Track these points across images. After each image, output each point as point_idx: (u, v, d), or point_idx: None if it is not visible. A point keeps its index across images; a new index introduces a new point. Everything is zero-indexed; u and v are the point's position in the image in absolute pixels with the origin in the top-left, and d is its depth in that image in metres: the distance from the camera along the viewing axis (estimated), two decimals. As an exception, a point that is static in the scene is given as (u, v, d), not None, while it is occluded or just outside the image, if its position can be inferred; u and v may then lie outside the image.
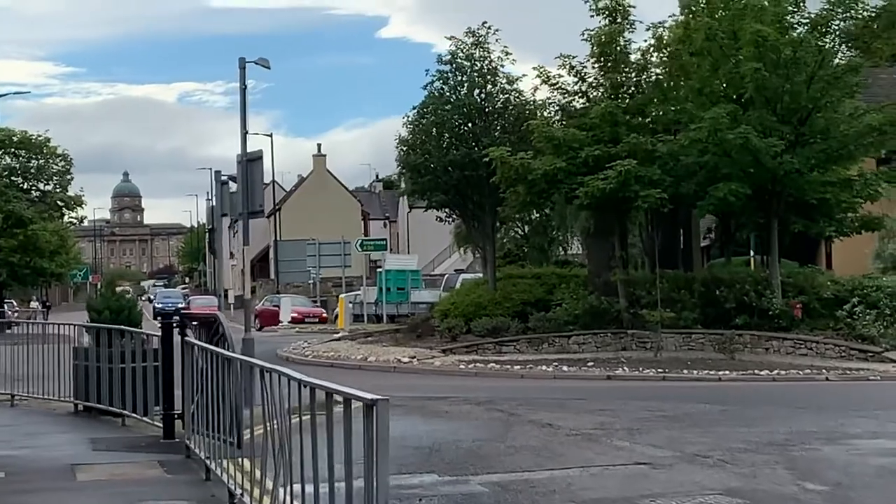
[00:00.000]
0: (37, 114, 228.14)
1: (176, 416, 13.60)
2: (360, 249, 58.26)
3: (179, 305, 52.73)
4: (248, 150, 20.75)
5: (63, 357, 17.29)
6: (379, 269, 55.33)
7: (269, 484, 8.43)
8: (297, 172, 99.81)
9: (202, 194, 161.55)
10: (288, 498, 7.79)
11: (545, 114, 33.10)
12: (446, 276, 57.14)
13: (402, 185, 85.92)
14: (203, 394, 11.35)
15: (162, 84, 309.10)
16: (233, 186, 21.05)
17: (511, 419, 17.41)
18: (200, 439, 11.61)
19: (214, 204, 23.72)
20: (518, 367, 27.82)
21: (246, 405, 10.18)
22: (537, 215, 45.40)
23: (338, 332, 41.30)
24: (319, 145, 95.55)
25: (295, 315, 53.41)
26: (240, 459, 9.98)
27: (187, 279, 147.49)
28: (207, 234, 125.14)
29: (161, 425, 13.92)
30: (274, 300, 56.06)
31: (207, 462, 10.98)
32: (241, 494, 9.31)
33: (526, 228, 51.50)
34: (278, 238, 74.10)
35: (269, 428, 8.19)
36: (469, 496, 11.07)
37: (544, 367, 27.50)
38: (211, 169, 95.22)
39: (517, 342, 31.39)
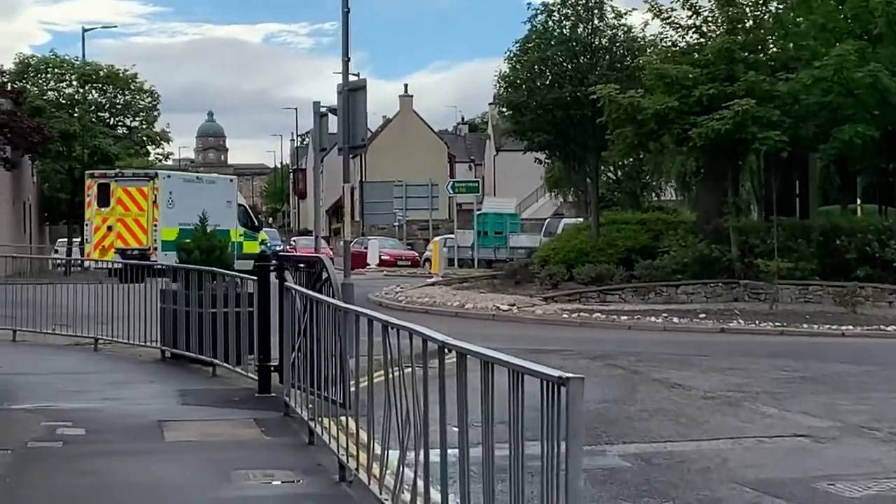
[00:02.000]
0: (123, 53, 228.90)
1: (272, 368, 12.34)
2: (451, 192, 56.73)
3: (276, 247, 50.40)
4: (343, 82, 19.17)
5: (150, 299, 16.12)
6: (478, 212, 53.66)
7: (388, 454, 7.12)
8: (381, 114, 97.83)
9: (286, 134, 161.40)
10: (420, 484, 6.42)
11: (655, 51, 31.20)
12: (547, 220, 55.23)
13: (490, 128, 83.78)
14: (305, 345, 10.04)
15: (247, 24, 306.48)
16: (332, 120, 19.48)
17: (634, 378, 15.98)
18: (301, 395, 10.35)
19: (310, 138, 22.10)
20: (625, 317, 26.31)
21: (352, 357, 8.91)
22: (630, 160, 43.53)
23: (431, 277, 39.90)
24: (406, 85, 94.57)
25: (386, 258, 52.04)
26: (344, 419, 8.64)
27: (270, 220, 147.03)
28: (291, 175, 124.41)
29: (255, 377, 12.81)
30: (363, 242, 54.71)
31: (311, 424, 9.72)
32: (357, 469, 7.94)
33: (618, 173, 49.62)
34: (363, 179, 72.68)
35: (393, 393, 6.83)
36: (610, 472, 9.68)
37: (653, 318, 25.98)
38: (296, 108, 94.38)
39: (622, 291, 29.72)
